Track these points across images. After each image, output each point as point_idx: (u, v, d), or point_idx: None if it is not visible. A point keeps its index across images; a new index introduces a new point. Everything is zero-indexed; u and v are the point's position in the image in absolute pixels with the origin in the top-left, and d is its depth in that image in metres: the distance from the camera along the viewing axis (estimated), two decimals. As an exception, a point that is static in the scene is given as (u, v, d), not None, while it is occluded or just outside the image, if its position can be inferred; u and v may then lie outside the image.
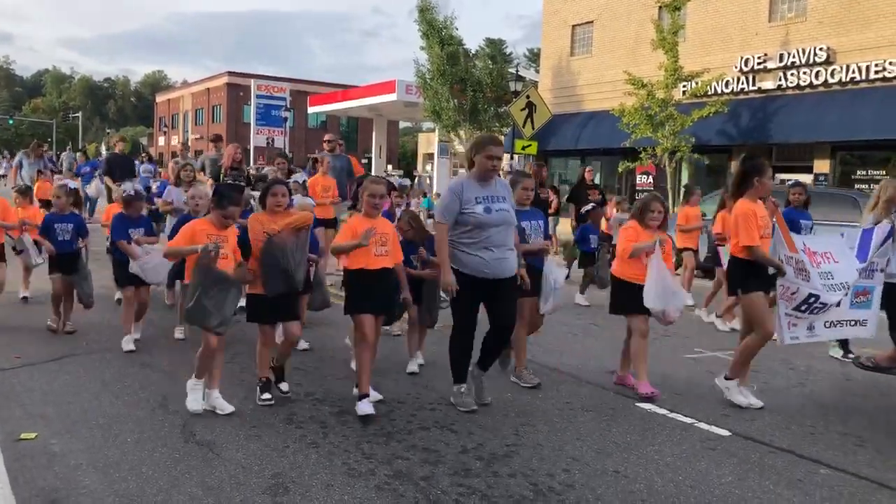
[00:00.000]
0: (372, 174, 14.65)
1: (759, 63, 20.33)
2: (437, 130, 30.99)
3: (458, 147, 28.89)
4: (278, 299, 5.23)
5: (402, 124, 59.15)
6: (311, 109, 40.87)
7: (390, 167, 39.49)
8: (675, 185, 19.61)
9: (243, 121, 52.47)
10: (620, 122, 19.87)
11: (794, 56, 19.56)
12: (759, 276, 5.66)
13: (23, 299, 8.87)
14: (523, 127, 20.39)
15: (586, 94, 25.16)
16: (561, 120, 24.16)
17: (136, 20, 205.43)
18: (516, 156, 22.16)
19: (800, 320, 5.70)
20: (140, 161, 19.14)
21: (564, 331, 7.19)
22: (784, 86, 19.82)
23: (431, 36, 26.63)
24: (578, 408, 5.68)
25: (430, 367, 6.52)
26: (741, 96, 20.55)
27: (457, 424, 5.15)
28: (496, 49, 60.16)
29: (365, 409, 5.16)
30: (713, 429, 5.26)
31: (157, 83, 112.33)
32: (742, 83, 20.67)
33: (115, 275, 7.29)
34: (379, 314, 5.39)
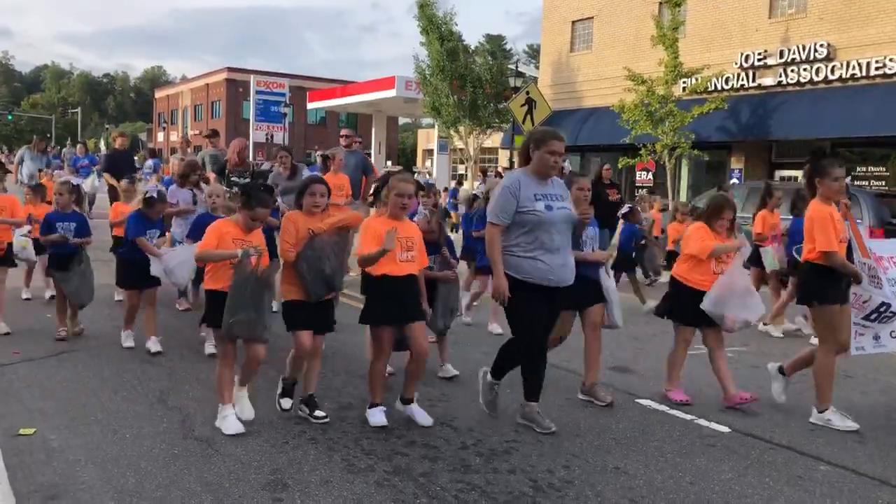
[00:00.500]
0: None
1: (759, 59, 20.31)
2: (436, 127, 30.99)
3: (458, 143, 28.87)
4: (316, 306, 4.86)
5: (401, 120, 59.20)
6: (311, 105, 40.86)
7: (389, 163, 39.47)
8: (675, 181, 19.60)
9: (242, 116, 52.47)
10: (620, 118, 19.87)
11: (794, 52, 19.54)
12: (836, 286, 5.24)
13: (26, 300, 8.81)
14: (523, 123, 20.34)
15: (586, 91, 25.14)
16: (561, 116, 24.12)
17: (134, 15, 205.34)
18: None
19: (867, 329, 5.34)
20: (140, 158, 19.00)
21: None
22: (784, 82, 19.81)
23: (431, 32, 26.61)
24: (578, 404, 5.67)
25: (429, 362, 6.50)
26: (741, 93, 20.53)
27: (456, 421, 5.14)
28: (496, 45, 60.17)
29: (378, 420, 4.93)
30: (713, 425, 5.25)
31: (156, 79, 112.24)
32: (742, 79, 20.65)
33: (117, 275, 6.96)
34: (408, 322, 4.90)
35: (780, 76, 19.88)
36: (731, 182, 19.23)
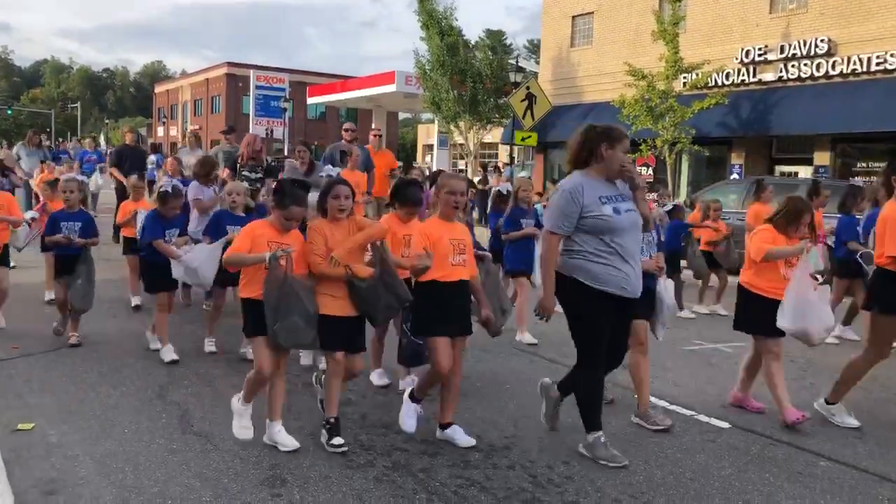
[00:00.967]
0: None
1: (759, 55, 20.26)
2: (436, 122, 30.95)
3: (458, 138, 28.83)
4: (350, 323, 4.45)
5: (401, 115, 59.10)
6: (311, 100, 40.73)
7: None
8: (675, 177, 19.58)
9: (243, 111, 52.36)
10: (620, 113, 19.82)
11: (794, 48, 19.49)
12: None
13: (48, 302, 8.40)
14: (523, 118, 20.34)
15: (586, 86, 25.08)
16: (561, 111, 24.09)
17: (134, 10, 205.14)
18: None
19: None
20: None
21: (564, 323, 7.17)
22: (785, 77, 19.76)
23: (431, 26, 26.54)
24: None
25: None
26: (742, 88, 20.49)
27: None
28: (496, 40, 60.01)
29: (464, 439, 4.58)
30: (713, 421, 5.25)
31: (156, 73, 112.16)
32: (743, 75, 20.60)
33: (145, 281, 6.61)
34: (457, 336, 4.55)
35: (781, 71, 19.83)
36: (732, 178, 19.23)
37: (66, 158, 17.65)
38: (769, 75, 20.16)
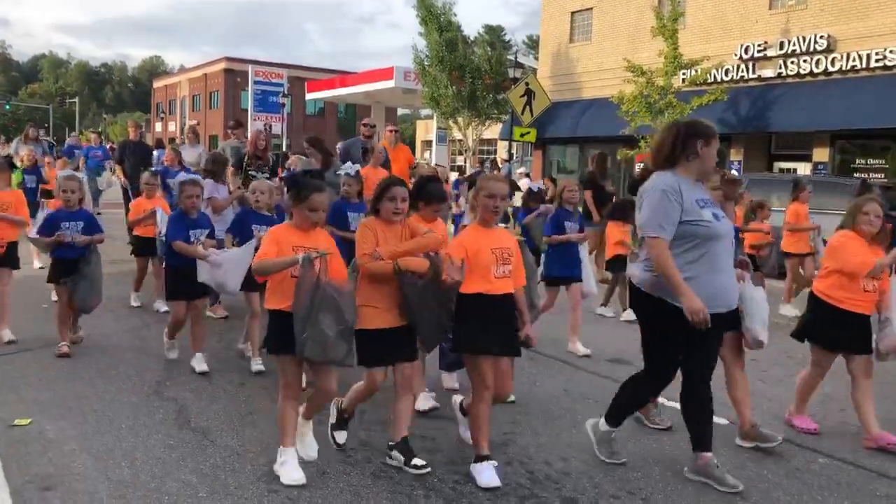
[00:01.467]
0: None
1: (759, 51, 20.25)
2: (435, 117, 30.88)
3: (457, 134, 28.80)
4: (396, 334, 4.04)
5: (400, 111, 59.00)
6: (309, 96, 40.69)
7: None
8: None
9: (241, 107, 52.26)
10: (619, 109, 19.81)
11: (794, 44, 19.48)
12: None
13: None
14: (522, 114, 20.29)
15: (585, 82, 25.06)
16: (560, 107, 24.07)
17: (132, 5, 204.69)
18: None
19: None
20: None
21: (561, 320, 7.16)
22: (784, 74, 19.75)
23: (430, 22, 26.50)
24: (577, 395, 5.65)
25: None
26: (741, 84, 20.48)
27: (453, 412, 5.11)
28: (495, 36, 59.99)
29: (490, 479, 3.98)
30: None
31: (154, 69, 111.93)
32: (742, 71, 20.59)
33: (166, 287, 6.14)
34: (501, 354, 4.12)
35: (780, 68, 19.82)
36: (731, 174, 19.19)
37: (79, 154, 17.28)
38: (768, 72, 20.14)
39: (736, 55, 20.63)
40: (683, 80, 19.80)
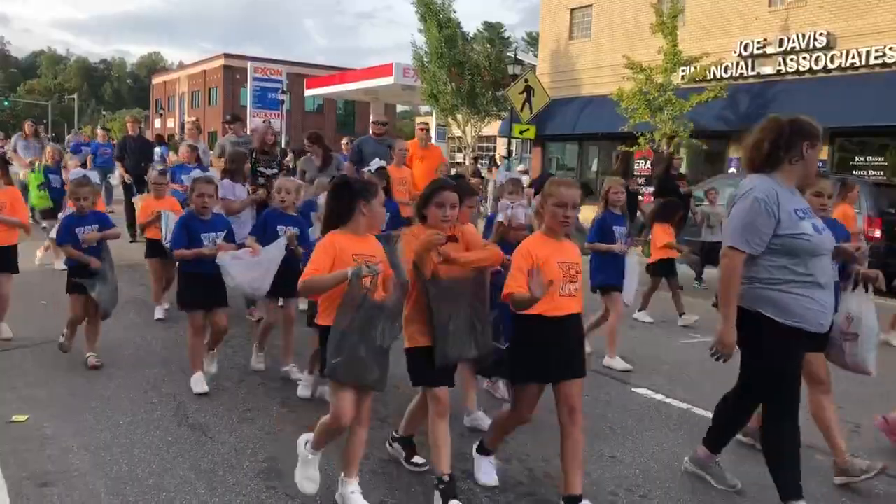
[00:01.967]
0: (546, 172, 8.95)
1: (758, 48, 20.23)
2: (434, 114, 30.85)
3: (456, 131, 28.78)
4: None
5: (399, 108, 58.92)
6: (308, 92, 40.61)
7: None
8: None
9: (240, 103, 52.21)
10: (619, 106, 19.79)
11: (793, 41, 19.46)
12: None
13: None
14: (521, 111, 20.30)
15: (585, 79, 25.04)
16: (559, 104, 24.05)
17: (131, 1, 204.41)
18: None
19: None
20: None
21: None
22: (783, 71, 19.73)
23: (429, 18, 26.45)
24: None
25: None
26: (740, 81, 20.46)
27: (452, 410, 5.11)
28: (494, 32, 59.78)
29: (489, 478, 3.96)
30: (709, 414, 5.17)
31: (152, 65, 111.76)
32: (741, 68, 20.58)
33: (178, 295, 5.59)
34: (558, 382, 3.65)
35: (780, 65, 19.80)
36: (730, 171, 19.21)
37: (86, 151, 17.10)
38: (768, 69, 20.13)
39: (735, 52, 20.61)
40: (683, 77, 19.80)
